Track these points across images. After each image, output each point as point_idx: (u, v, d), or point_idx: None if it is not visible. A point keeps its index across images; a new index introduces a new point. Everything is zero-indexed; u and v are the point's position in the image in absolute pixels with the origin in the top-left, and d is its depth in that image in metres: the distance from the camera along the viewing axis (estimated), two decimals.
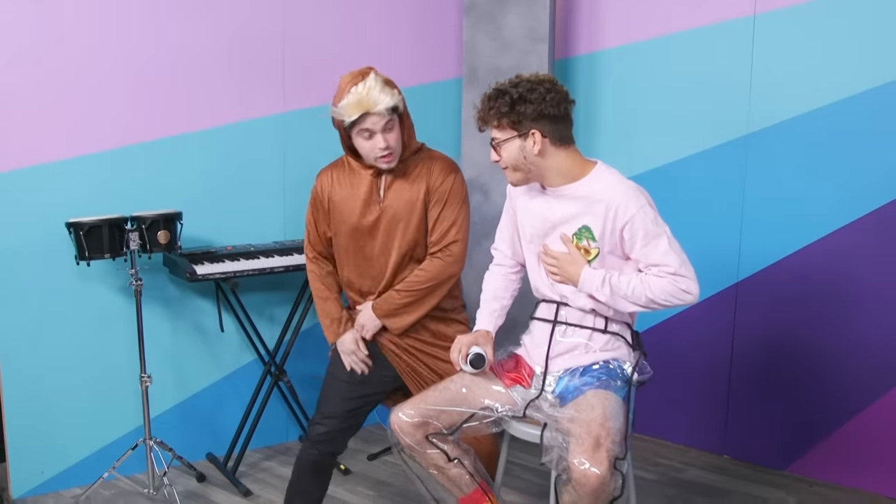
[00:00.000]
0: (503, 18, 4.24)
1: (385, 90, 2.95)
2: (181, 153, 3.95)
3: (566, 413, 2.63)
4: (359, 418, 3.21)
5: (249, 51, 4.08)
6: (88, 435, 3.90)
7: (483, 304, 3.05)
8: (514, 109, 2.64)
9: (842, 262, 3.79)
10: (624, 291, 2.68)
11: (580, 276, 2.73)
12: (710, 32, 4.04)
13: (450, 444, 2.80)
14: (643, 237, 2.66)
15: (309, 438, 3.18)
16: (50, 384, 3.78)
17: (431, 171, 3.12)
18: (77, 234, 3.46)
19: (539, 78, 2.69)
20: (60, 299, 3.76)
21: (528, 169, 2.72)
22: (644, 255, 2.68)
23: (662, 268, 2.66)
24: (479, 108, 2.75)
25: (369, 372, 3.19)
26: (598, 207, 2.69)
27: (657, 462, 4.21)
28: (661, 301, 2.68)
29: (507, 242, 3.05)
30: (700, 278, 2.74)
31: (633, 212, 2.65)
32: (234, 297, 4.00)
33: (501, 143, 2.71)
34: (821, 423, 3.94)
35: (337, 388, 3.18)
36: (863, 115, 3.67)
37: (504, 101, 2.66)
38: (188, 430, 4.13)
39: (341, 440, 3.19)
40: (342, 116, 2.96)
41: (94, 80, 3.73)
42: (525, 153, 2.69)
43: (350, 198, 3.12)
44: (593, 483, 2.43)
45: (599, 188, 2.71)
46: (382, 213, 3.10)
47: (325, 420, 3.15)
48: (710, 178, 4.10)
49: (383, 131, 2.96)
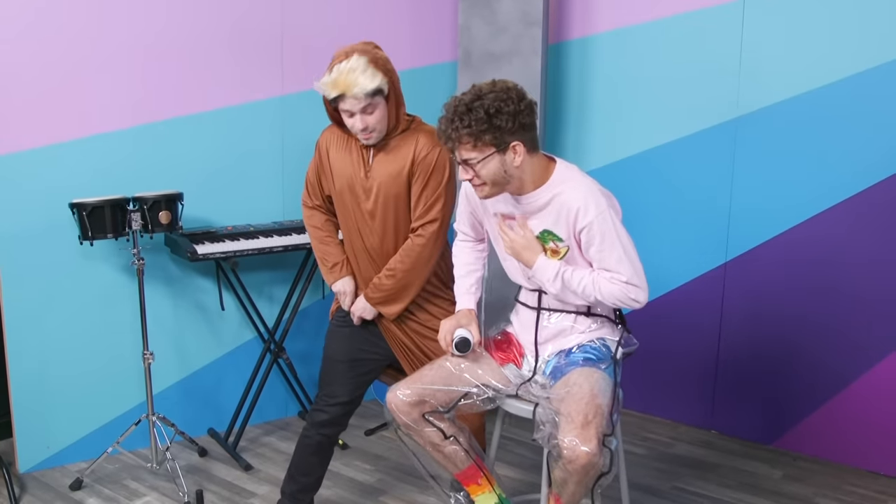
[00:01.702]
0: (498, 2, 4.25)
1: (367, 73, 2.88)
2: (182, 135, 3.97)
3: (556, 393, 2.67)
4: (359, 396, 3.24)
5: (249, 34, 4.09)
6: (93, 411, 3.94)
7: (458, 279, 3.04)
8: (493, 125, 2.52)
9: (827, 243, 3.83)
10: (574, 288, 2.69)
11: (535, 263, 2.72)
12: (700, 17, 4.05)
13: (446, 423, 2.83)
14: (599, 242, 2.64)
15: (312, 424, 3.20)
16: (55, 361, 3.82)
17: (417, 141, 3.06)
18: (80, 215, 3.48)
19: (505, 88, 2.58)
20: (64, 278, 3.78)
21: (506, 181, 2.64)
22: (599, 259, 2.67)
23: (615, 275, 2.65)
24: (445, 129, 2.57)
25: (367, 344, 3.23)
26: (562, 211, 2.67)
27: (646, 437, 4.27)
28: (608, 303, 2.70)
29: (466, 224, 3.04)
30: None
31: (592, 217, 2.62)
32: (235, 276, 4.03)
33: (479, 162, 2.57)
34: (805, 400, 3.99)
35: (336, 372, 3.19)
36: (850, 99, 3.70)
37: (477, 116, 2.51)
38: (190, 406, 4.17)
39: (344, 422, 3.24)
40: (324, 93, 2.97)
41: (96, 64, 3.74)
42: (506, 167, 2.60)
43: (343, 158, 3.13)
44: (582, 460, 2.46)
45: (562, 191, 2.67)
46: (370, 184, 3.08)
47: (328, 407, 3.18)
48: (700, 160, 4.13)
49: (362, 112, 2.92)
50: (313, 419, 3.21)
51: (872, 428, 3.83)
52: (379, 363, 3.27)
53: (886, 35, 3.59)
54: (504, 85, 2.58)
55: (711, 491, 3.73)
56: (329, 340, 3.27)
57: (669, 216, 4.17)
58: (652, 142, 4.29)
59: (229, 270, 4.01)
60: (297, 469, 3.28)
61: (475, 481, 2.93)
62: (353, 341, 3.23)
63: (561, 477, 2.58)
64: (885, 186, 3.66)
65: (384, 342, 3.24)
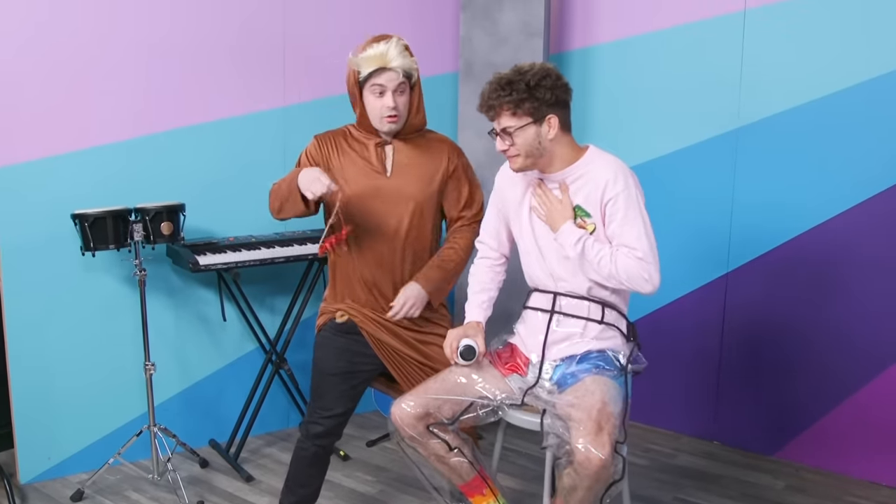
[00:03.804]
0: (499, 13, 4.26)
1: (404, 54, 3.03)
2: (184, 146, 3.97)
3: (566, 399, 2.67)
4: (353, 406, 3.22)
5: (251, 45, 4.09)
6: (94, 422, 3.93)
7: (472, 296, 3.07)
8: (533, 95, 2.66)
9: (829, 253, 3.83)
10: (592, 257, 2.73)
11: (561, 227, 2.77)
12: (700, 28, 4.06)
13: (450, 434, 2.83)
14: (622, 216, 2.72)
15: (307, 436, 3.19)
16: (56, 372, 3.81)
17: (443, 150, 3.20)
18: (82, 226, 3.48)
19: (545, 66, 2.73)
20: (66, 289, 3.78)
21: (539, 154, 2.75)
22: (619, 233, 2.73)
23: (633, 251, 2.71)
24: (489, 96, 2.73)
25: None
26: (590, 186, 2.75)
27: (648, 448, 4.26)
28: (621, 279, 2.72)
29: (492, 235, 3.08)
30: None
31: (620, 189, 2.71)
32: (236, 287, 4.02)
33: (517, 130, 2.70)
34: (808, 410, 3.98)
35: (328, 384, 3.17)
36: (852, 109, 3.70)
37: (519, 87, 2.67)
38: (191, 417, 4.16)
39: (339, 431, 3.22)
40: (359, 67, 3.01)
41: (99, 75, 3.75)
42: (540, 139, 2.72)
43: (353, 164, 3.12)
44: (596, 465, 2.48)
45: (592, 169, 2.77)
46: (394, 184, 3.10)
47: (322, 420, 3.16)
48: (701, 171, 4.13)
49: (394, 92, 3.01)
50: (308, 431, 3.19)
51: (875, 438, 3.83)
52: (371, 373, 3.26)
53: (888, 45, 3.59)
54: (545, 66, 2.74)
55: (713, 502, 3.72)
56: (319, 353, 3.23)
57: (671, 227, 4.15)
58: (653, 153, 4.29)
59: (231, 281, 4.00)
60: (295, 481, 3.26)
61: (480, 492, 2.93)
62: (344, 353, 3.19)
63: (570, 483, 2.58)
64: (887, 196, 3.66)
65: (374, 355, 3.21)
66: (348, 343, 3.20)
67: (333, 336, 3.21)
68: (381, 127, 3.09)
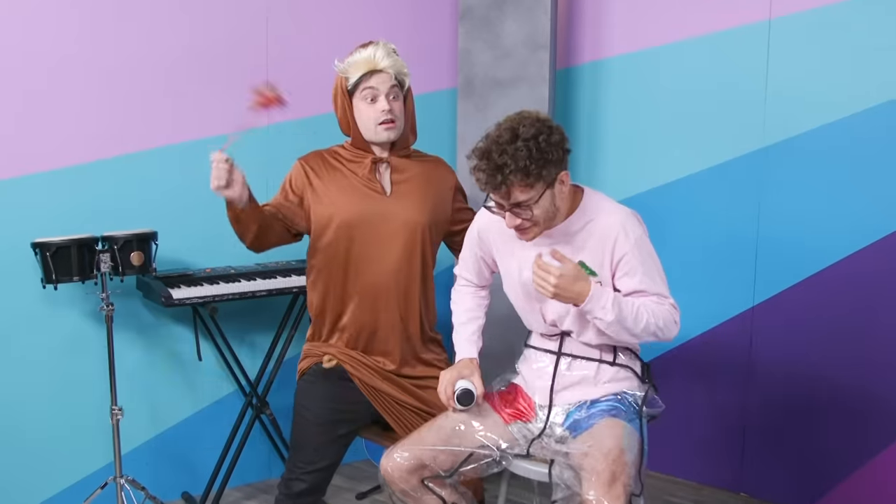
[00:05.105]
0: (501, 25, 4.14)
1: (393, 55, 3.00)
2: (156, 169, 3.88)
3: (578, 447, 2.58)
4: (339, 459, 3.09)
5: (230, 63, 4.01)
6: (54, 472, 3.81)
7: (458, 327, 2.95)
8: (545, 159, 2.43)
9: (866, 287, 3.70)
10: (627, 313, 2.54)
11: (588, 292, 2.51)
12: (721, 39, 3.97)
13: (447, 489, 2.72)
14: (642, 270, 2.60)
15: (288, 495, 3.05)
16: (13, 417, 3.69)
17: (441, 169, 3.19)
18: (44, 256, 3.37)
19: (532, 116, 2.50)
20: (25, 325, 3.68)
21: (553, 217, 2.57)
22: (643, 286, 2.61)
23: (664, 298, 2.62)
24: (492, 176, 2.43)
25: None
26: (595, 239, 2.63)
27: (668, 500, 4.11)
28: (658, 329, 2.58)
29: (471, 272, 2.97)
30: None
31: (632, 243, 2.59)
32: (213, 323, 3.89)
33: (537, 201, 2.48)
34: (843, 461, 3.83)
35: (311, 434, 3.03)
36: (887, 127, 3.59)
37: (525, 155, 2.40)
38: (162, 468, 4.03)
39: (324, 487, 3.09)
40: (347, 73, 2.97)
41: (63, 92, 3.68)
42: (556, 201, 2.54)
43: (345, 184, 3.02)
44: None
45: (594, 218, 2.64)
46: (392, 207, 3.00)
47: (304, 475, 3.02)
48: (723, 195, 4.03)
49: (387, 96, 2.95)
50: (290, 490, 3.04)
51: None
52: (359, 422, 3.12)
53: None
54: (530, 115, 2.52)
55: None
56: (301, 400, 3.11)
57: (690, 256, 4.09)
58: (669, 175, 4.18)
59: (207, 317, 3.86)
60: None
61: None
62: (330, 400, 3.06)
63: None
64: None
65: (364, 403, 3.08)
66: (335, 389, 3.08)
67: (318, 381, 3.10)
68: (378, 137, 2.99)
